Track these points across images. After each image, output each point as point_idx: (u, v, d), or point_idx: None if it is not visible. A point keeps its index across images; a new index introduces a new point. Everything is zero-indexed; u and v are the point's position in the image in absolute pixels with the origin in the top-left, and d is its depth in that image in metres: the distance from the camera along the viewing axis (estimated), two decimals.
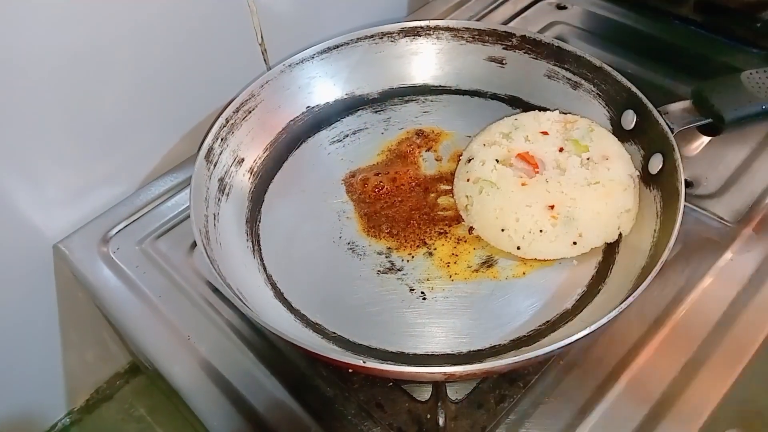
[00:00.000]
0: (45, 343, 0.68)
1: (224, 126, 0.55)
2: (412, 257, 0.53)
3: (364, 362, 0.40)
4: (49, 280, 0.62)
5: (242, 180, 0.57)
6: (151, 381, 0.76)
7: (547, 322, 0.48)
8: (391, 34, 0.63)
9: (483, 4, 0.80)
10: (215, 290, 0.54)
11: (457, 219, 0.54)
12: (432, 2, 0.81)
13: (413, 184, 0.57)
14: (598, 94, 0.58)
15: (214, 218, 0.52)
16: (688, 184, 0.59)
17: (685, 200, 0.56)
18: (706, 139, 0.62)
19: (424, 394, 0.47)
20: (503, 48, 0.61)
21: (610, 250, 0.51)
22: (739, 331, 0.49)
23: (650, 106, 0.52)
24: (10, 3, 0.45)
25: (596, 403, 0.46)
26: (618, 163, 0.53)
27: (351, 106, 0.64)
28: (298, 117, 0.61)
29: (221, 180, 0.54)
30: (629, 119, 0.55)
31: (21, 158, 0.53)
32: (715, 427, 0.47)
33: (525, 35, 0.60)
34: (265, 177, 0.58)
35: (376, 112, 0.64)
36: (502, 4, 0.79)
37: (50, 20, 0.48)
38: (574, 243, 0.50)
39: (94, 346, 0.73)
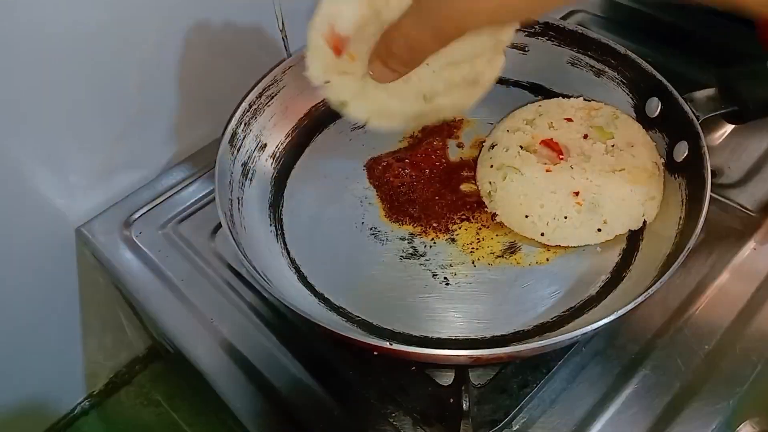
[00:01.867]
0: (65, 327, 0.68)
1: (247, 111, 0.55)
2: (435, 243, 0.53)
3: (391, 344, 0.40)
4: (71, 264, 0.63)
5: (265, 165, 0.57)
6: (169, 366, 0.77)
7: (571, 308, 0.48)
8: None
9: None
10: (237, 274, 0.54)
11: (480, 205, 0.54)
12: None
13: (435, 170, 0.57)
14: (622, 81, 0.57)
15: (238, 202, 0.52)
16: (712, 173, 0.58)
17: None
18: (729, 127, 0.62)
19: (447, 378, 0.47)
20: (526, 35, 0.61)
21: (635, 237, 0.51)
22: (761, 320, 0.49)
23: (675, 93, 0.52)
24: None
25: (618, 391, 0.47)
26: (643, 150, 0.52)
27: None
28: (319, 103, 0.61)
29: (244, 165, 0.54)
30: (653, 107, 0.55)
31: (44, 143, 0.53)
32: (738, 415, 0.47)
33: (548, 22, 0.60)
34: (287, 162, 0.58)
35: None
36: None
37: (71, 2, 0.48)
38: (599, 230, 0.50)
39: (114, 331, 0.73)
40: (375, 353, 0.46)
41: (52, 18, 0.47)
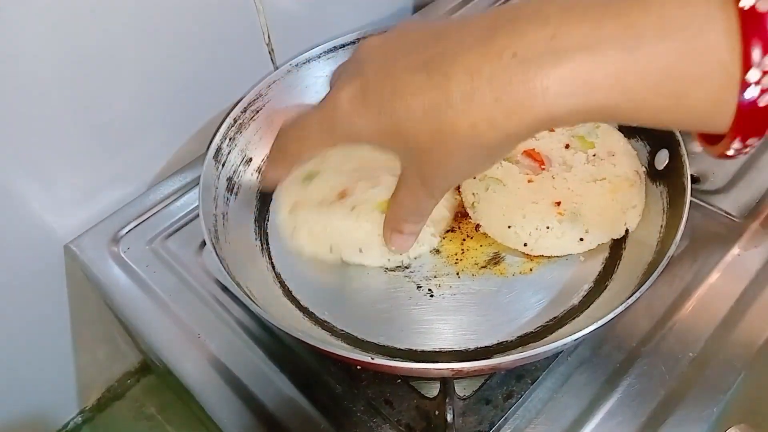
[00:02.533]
0: (57, 343, 0.68)
1: (232, 126, 0.55)
2: (419, 255, 0.53)
3: (373, 359, 0.40)
4: (61, 280, 0.63)
5: (250, 179, 0.57)
6: (161, 379, 0.77)
7: (555, 318, 0.48)
8: None
9: (488, 1, 0.80)
10: (225, 289, 0.54)
11: (465, 216, 0.54)
12: (436, 2, 0.81)
13: None
14: None
15: (223, 217, 0.52)
16: (695, 180, 0.59)
17: (692, 195, 0.56)
18: None
19: (432, 390, 0.47)
20: None
21: (617, 245, 0.52)
22: (746, 326, 0.49)
23: None
24: (15, 2, 0.45)
25: (604, 399, 0.47)
26: (624, 159, 0.53)
27: None
28: None
29: (230, 179, 0.55)
30: None
31: (32, 159, 0.54)
32: (723, 422, 0.47)
33: None
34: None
35: None
36: (507, 1, 0.80)
37: (57, 21, 0.48)
38: (581, 239, 0.50)
39: (106, 345, 0.74)
40: (358, 367, 0.46)
41: (38, 39, 0.48)
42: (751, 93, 0.28)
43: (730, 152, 0.31)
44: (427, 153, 0.37)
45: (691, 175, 0.58)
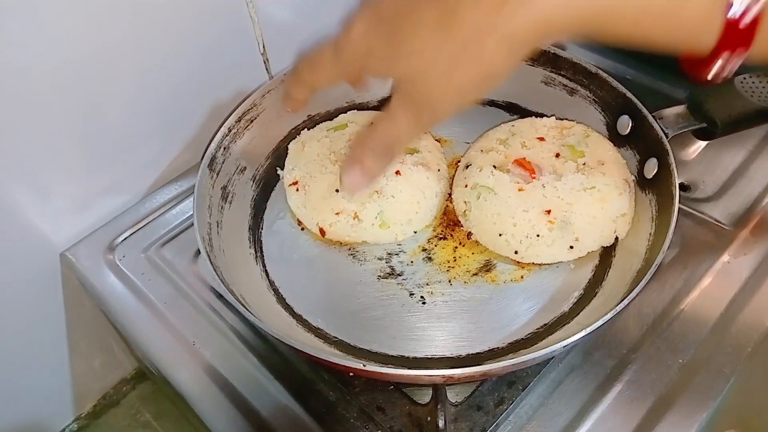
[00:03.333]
0: (53, 350, 0.69)
1: (227, 135, 0.56)
2: (412, 262, 0.53)
3: (365, 366, 0.41)
4: (57, 288, 0.64)
5: (245, 188, 0.58)
6: (157, 386, 0.77)
7: (545, 325, 0.49)
8: None
9: None
10: (219, 296, 0.55)
11: (457, 223, 0.55)
12: None
13: None
14: (594, 99, 0.58)
15: (217, 226, 0.53)
16: (686, 188, 0.60)
17: (683, 204, 0.57)
18: (702, 143, 0.63)
19: (425, 397, 0.48)
20: None
21: (607, 253, 0.52)
22: (736, 332, 0.50)
23: (645, 111, 0.53)
24: (11, 15, 0.46)
25: (595, 405, 0.47)
26: (613, 167, 0.53)
27: None
28: (299, 125, 0.62)
29: (224, 188, 0.55)
30: (625, 124, 0.56)
31: (28, 169, 0.54)
32: (712, 429, 0.47)
33: None
34: (267, 185, 0.59)
35: None
36: None
37: (53, 33, 0.49)
38: (571, 247, 0.51)
39: (101, 353, 0.74)
40: (351, 374, 0.46)
41: (34, 49, 0.49)
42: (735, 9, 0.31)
43: (711, 73, 0.34)
44: (430, 71, 0.37)
45: (681, 184, 0.60)
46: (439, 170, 0.57)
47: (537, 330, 0.48)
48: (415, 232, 0.55)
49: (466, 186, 0.54)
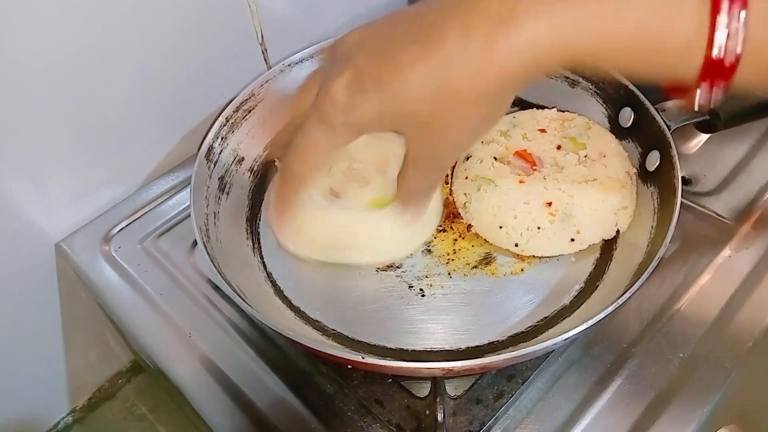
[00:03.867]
0: (48, 342, 0.68)
1: (224, 125, 0.55)
2: (411, 254, 0.53)
3: (363, 358, 0.40)
4: (52, 279, 0.63)
5: (242, 179, 0.57)
6: (153, 379, 0.76)
7: (545, 318, 0.48)
8: None
9: None
10: (216, 288, 0.54)
11: (457, 216, 0.55)
12: None
13: None
14: (595, 91, 0.58)
15: (215, 216, 0.52)
16: (687, 182, 0.59)
17: (684, 197, 0.56)
18: (704, 136, 0.62)
19: (423, 390, 0.47)
20: None
21: (608, 246, 0.52)
22: (736, 327, 0.49)
23: (647, 103, 0.53)
24: (7, 5, 0.45)
25: (594, 399, 0.47)
26: (615, 160, 0.53)
27: None
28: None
29: (221, 179, 0.55)
30: (627, 116, 0.55)
31: (24, 159, 0.53)
32: (712, 424, 0.47)
33: None
34: (265, 175, 0.59)
35: None
36: None
37: (50, 22, 0.48)
38: (572, 240, 0.50)
39: (97, 345, 0.73)
40: (349, 366, 0.46)
41: (31, 41, 0.48)
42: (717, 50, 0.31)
43: (696, 103, 0.34)
44: (432, 123, 0.37)
45: (683, 177, 0.59)
46: None
47: (537, 323, 0.48)
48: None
49: (466, 178, 0.54)
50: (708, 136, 0.62)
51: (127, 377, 0.78)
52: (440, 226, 0.54)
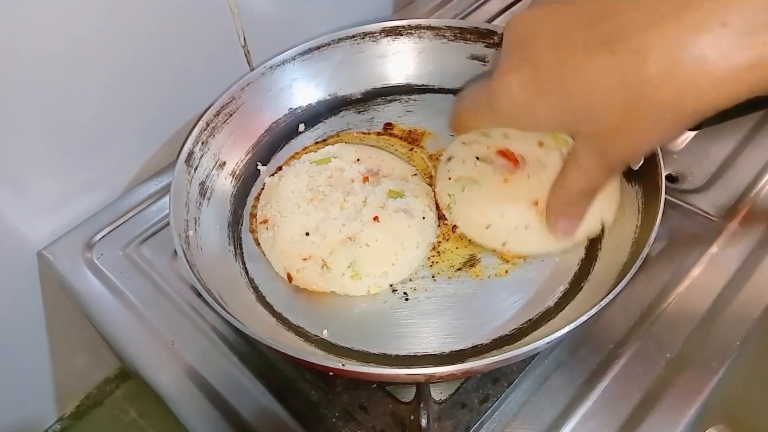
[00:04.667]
0: (33, 350, 0.68)
1: (204, 129, 0.55)
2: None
3: (343, 365, 0.40)
4: (35, 287, 0.62)
5: (224, 183, 0.56)
6: (142, 385, 0.76)
7: (530, 320, 0.48)
8: (372, 33, 0.62)
9: (467, 2, 0.80)
10: (199, 295, 0.53)
11: (440, 218, 0.54)
12: (417, 1, 0.80)
13: None
14: None
15: (195, 223, 0.52)
16: (674, 179, 0.59)
17: (671, 195, 0.56)
18: (691, 133, 0.62)
19: (408, 395, 0.47)
20: (485, 46, 0.61)
21: (593, 246, 0.51)
22: (724, 326, 0.49)
23: None
24: None
25: (581, 401, 0.46)
26: None
27: (334, 106, 0.63)
28: (280, 119, 0.61)
29: (202, 184, 0.54)
30: None
31: (3, 166, 0.53)
32: (700, 424, 0.47)
33: None
34: (247, 180, 0.58)
35: (359, 112, 0.63)
36: (486, 2, 0.79)
37: (25, 27, 0.48)
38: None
39: (83, 352, 0.73)
40: (331, 373, 0.45)
41: (6, 45, 0.47)
42: None
43: None
44: (617, 131, 0.36)
45: (670, 175, 0.59)
46: (423, 218, 0.52)
47: (521, 325, 0.48)
48: (391, 285, 0.51)
49: (449, 179, 0.53)
50: (694, 132, 0.61)
51: (116, 383, 0.78)
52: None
